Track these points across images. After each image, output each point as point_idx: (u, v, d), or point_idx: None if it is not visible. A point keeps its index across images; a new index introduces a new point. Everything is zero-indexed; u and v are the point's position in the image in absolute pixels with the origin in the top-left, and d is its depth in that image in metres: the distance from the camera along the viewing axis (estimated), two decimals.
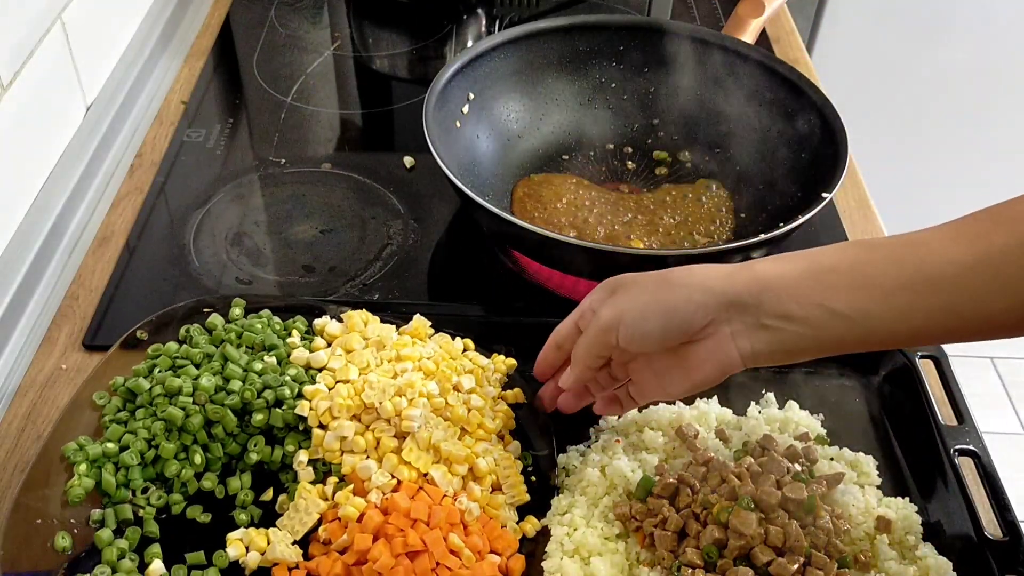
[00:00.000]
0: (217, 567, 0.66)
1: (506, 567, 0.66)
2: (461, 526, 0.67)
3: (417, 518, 0.65)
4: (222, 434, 0.71)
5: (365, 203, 1.01)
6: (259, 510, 0.70)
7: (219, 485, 0.71)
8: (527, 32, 1.03)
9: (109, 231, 0.96)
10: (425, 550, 0.64)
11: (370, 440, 0.70)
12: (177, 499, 0.70)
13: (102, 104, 1.06)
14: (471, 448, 0.71)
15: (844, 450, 0.74)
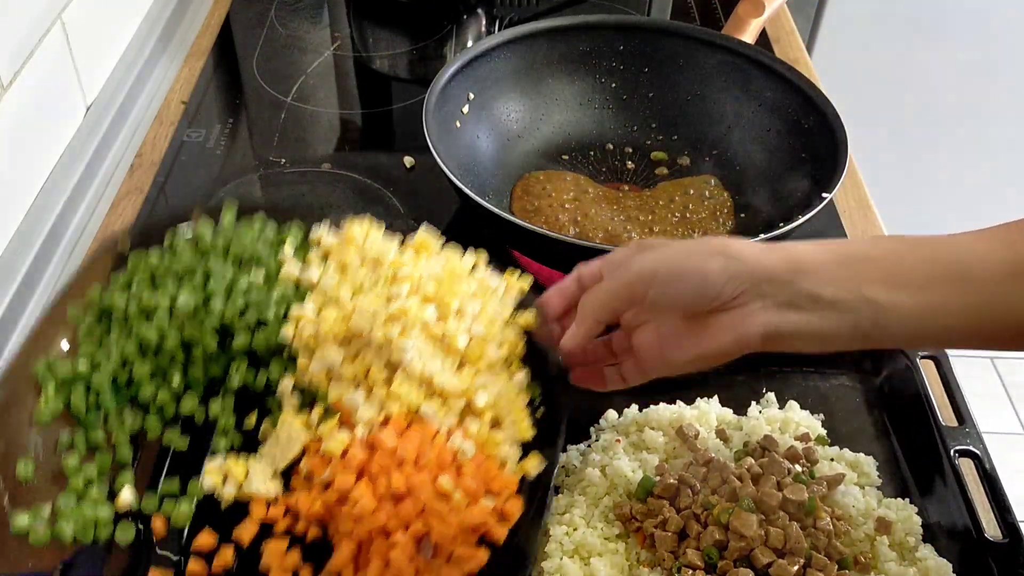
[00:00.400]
0: (191, 496, 0.61)
1: (501, 510, 0.61)
2: (453, 467, 0.61)
3: (404, 458, 0.60)
4: (202, 356, 0.65)
5: (365, 203, 1.01)
6: (240, 436, 0.65)
7: (200, 407, 0.65)
8: (527, 32, 1.03)
9: (109, 231, 0.96)
10: (409, 495, 0.59)
11: (359, 369, 0.65)
12: (153, 423, 0.64)
13: (102, 104, 1.06)
14: (469, 381, 0.65)
15: (844, 451, 0.74)
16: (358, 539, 0.60)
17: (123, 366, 0.65)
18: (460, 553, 0.59)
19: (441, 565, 0.59)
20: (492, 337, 0.68)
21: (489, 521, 0.60)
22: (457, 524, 0.59)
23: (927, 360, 0.80)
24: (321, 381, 0.65)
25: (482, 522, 0.60)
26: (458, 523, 0.59)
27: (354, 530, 0.60)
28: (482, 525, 0.60)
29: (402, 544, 0.59)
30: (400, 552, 0.59)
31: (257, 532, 0.62)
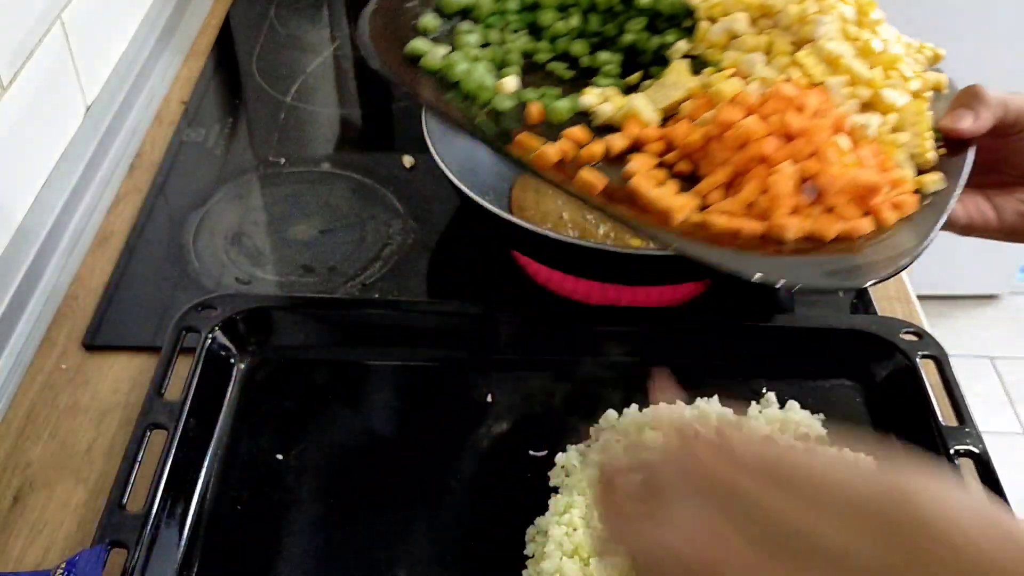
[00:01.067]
0: (570, 107, 0.63)
1: (896, 201, 0.56)
2: (851, 138, 0.57)
3: (805, 104, 0.55)
4: (604, 4, 0.67)
5: (365, 203, 1.01)
6: (622, 86, 0.67)
7: (588, 56, 0.68)
8: None
9: (109, 231, 0.96)
10: (803, 136, 0.54)
11: (762, 42, 0.61)
12: (544, 47, 0.68)
13: (102, 104, 1.06)
14: (879, 77, 0.61)
15: (844, 450, 0.74)
16: (734, 168, 0.57)
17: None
18: (843, 209, 0.55)
19: (820, 213, 0.55)
20: (906, 59, 0.64)
21: (882, 189, 0.55)
22: (849, 178, 0.55)
23: (927, 360, 0.80)
24: (716, 50, 0.64)
25: (877, 186, 0.54)
26: (850, 178, 0.55)
27: (732, 159, 0.57)
28: (874, 191, 0.55)
29: (787, 172, 0.55)
30: (782, 179, 0.55)
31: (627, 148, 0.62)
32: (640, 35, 0.68)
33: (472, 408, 0.79)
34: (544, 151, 0.65)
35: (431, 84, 0.68)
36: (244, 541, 0.70)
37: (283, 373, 0.82)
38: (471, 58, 0.68)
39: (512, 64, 0.70)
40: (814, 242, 0.57)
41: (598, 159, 0.65)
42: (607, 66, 0.70)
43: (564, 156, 0.65)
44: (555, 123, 0.66)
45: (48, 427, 0.78)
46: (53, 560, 0.69)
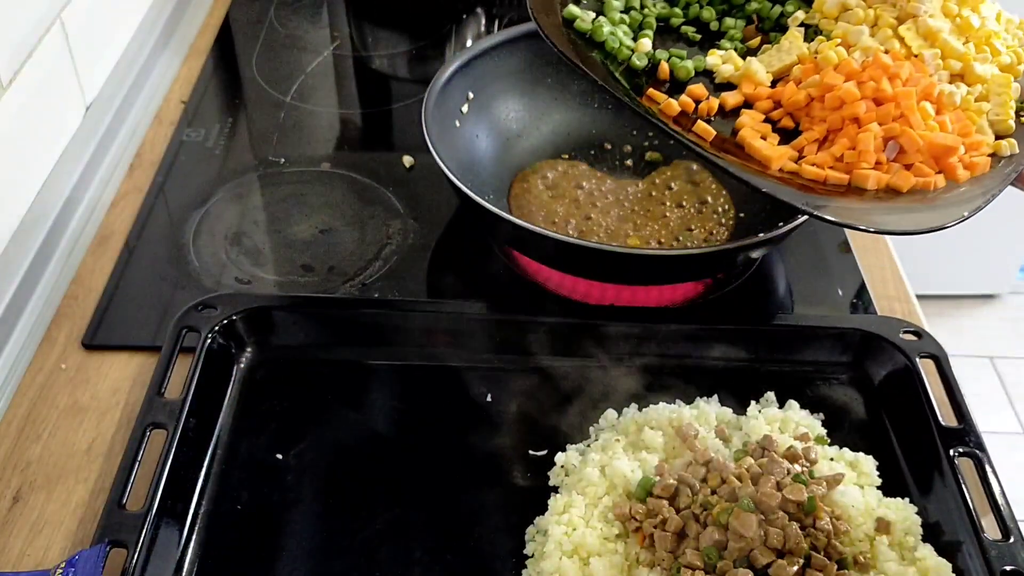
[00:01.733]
0: (694, 67, 0.76)
1: (969, 161, 0.67)
2: (937, 104, 0.68)
3: (897, 74, 0.67)
4: None
5: (364, 203, 1.00)
6: (743, 50, 0.79)
7: (715, 21, 0.80)
8: (527, 31, 1.02)
9: (108, 231, 0.96)
10: (892, 100, 0.66)
11: (870, 16, 0.72)
12: (677, 13, 0.81)
13: (101, 104, 1.06)
14: (972, 52, 0.71)
15: (844, 450, 0.74)
16: (829, 126, 0.69)
17: None
18: (920, 166, 0.66)
19: (899, 169, 0.67)
20: (1003, 35, 0.73)
21: (957, 151, 0.66)
22: (928, 140, 0.66)
23: (927, 360, 0.80)
24: (830, 21, 0.74)
25: (952, 148, 0.65)
26: (929, 140, 0.66)
27: (828, 118, 0.69)
28: (949, 152, 0.66)
29: (874, 132, 0.67)
30: (868, 136, 0.67)
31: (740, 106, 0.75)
32: (763, 4, 0.80)
33: (472, 408, 0.79)
34: (668, 103, 0.75)
35: (581, 46, 0.79)
36: (244, 541, 0.70)
37: (283, 373, 0.82)
38: (615, 22, 0.79)
39: (649, 28, 0.80)
40: (891, 193, 0.67)
41: (714, 112, 0.75)
42: (731, 31, 0.81)
43: (685, 108, 0.75)
44: (681, 80, 0.77)
45: (48, 427, 0.78)
46: (53, 560, 0.69)
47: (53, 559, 0.69)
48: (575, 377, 0.82)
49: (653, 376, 0.82)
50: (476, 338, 0.83)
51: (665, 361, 0.83)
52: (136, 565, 0.65)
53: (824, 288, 0.92)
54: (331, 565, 0.68)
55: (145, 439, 0.72)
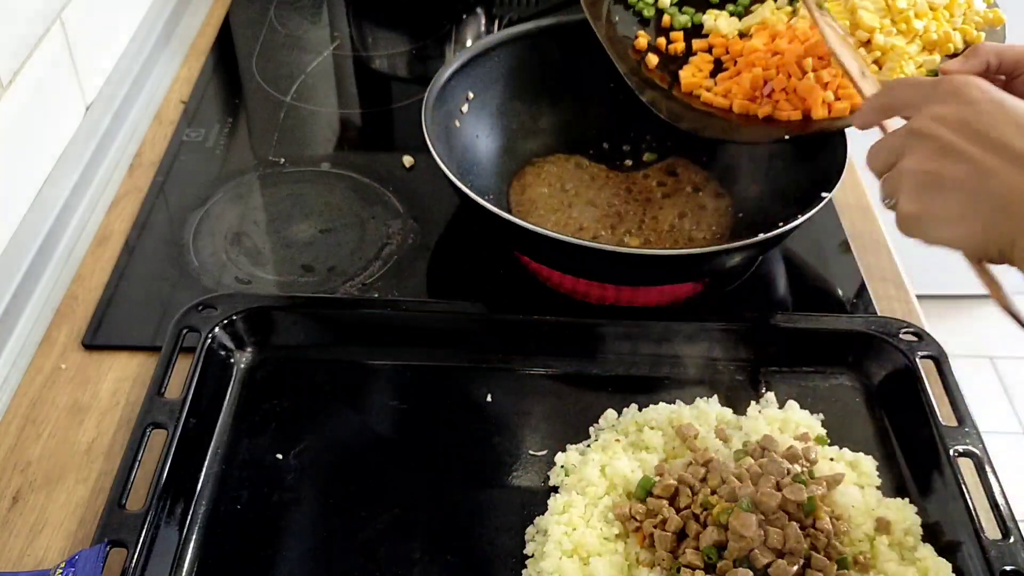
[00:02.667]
0: (687, 20, 0.94)
1: (832, 104, 0.83)
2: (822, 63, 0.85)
3: (796, 37, 0.87)
4: None
5: (364, 203, 1.00)
6: (739, 9, 0.95)
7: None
8: (526, 31, 1.03)
9: (108, 231, 0.96)
10: (782, 53, 0.87)
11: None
12: None
13: (101, 104, 1.06)
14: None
15: (844, 450, 0.74)
16: (738, 69, 0.89)
17: None
18: (783, 104, 0.86)
19: (767, 102, 0.86)
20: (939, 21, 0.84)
21: (818, 97, 0.83)
22: (794, 84, 0.85)
23: (927, 360, 0.80)
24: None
25: (812, 89, 0.83)
26: (792, 84, 0.85)
27: (741, 63, 0.89)
28: (808, 96, 0.83)
29: (752, 73, 0.86)
30: (747, 76, 0.87)
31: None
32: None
33: (472, 408, 0.79)
34: (640, 42, 0.94)
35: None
36: (244, 540, 0.70)
37: (283, 373, 0.82)
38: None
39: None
40: (771, 122, 0.86)
41: (680, 53, 0.94)
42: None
43: (659, 47, 0.94)
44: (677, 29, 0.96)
45: (48, 427, 0.78)
46: (53, 559, 0.69)
47: (53, 559, 0.69)
48: (575, 377, 0.82)
49: (653, 376, 0.82)
50: (476, 338, 0.83)
51: (665, 361, 0.83)
52: (136, 565, 0.65)
53: (824, 288, 0.92)
54: (331, 565, 0.68)
55: (145, 439, 0.72)
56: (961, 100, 0.55)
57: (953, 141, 0.54)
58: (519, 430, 0.77)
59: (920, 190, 0.55)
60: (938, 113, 0.55)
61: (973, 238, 0.54)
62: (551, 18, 1.06)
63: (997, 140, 0.53)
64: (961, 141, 0.53)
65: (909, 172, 0.56)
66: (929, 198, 0.54)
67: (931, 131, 0.55)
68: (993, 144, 0.52)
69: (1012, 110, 0.54)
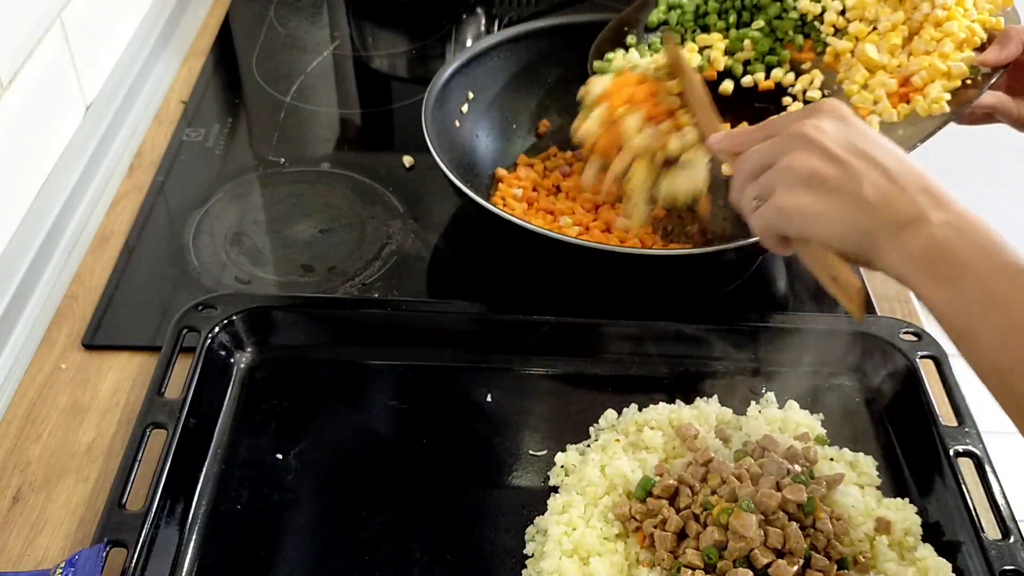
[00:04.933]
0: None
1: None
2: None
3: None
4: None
5: (364, 203, 1.00)
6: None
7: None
8: (526, 31, 1.03)
9: (108, 231, 0.96)
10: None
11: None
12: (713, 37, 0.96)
13: (101, 104, 1.06)
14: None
15: (844, 450, 0.74)
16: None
17: (704, 2, 0.97)
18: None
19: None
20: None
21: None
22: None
23: (927, 360, 0.80)
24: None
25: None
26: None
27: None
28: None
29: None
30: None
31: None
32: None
33: (472, 408, 0.79)
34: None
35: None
36: (244, 541, 0.70)
37: (283, 373, 0.82)
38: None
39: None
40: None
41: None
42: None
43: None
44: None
45: (48, 427, 0.78)
46: (53, 559, 0.69)
47: (53, 559, 0.69)
48: (575, 377, 0.82)
49: (653, 376, 0.82)
50: (476, 338, 0.83)
51: (665, 361, 0.83)
52: (136, 565, 0.65)
53: (824, 288, 0.92)
54: (331, 565, 0.68)
55: (145, 439, 0.72)
56: (836, 116, 0.62)
57: (832, 147, 0.60)
58: (519, 430, 0.77)
59: (801, 186, 0.60)
60: (817, 124, 0.61)
61: (839, 231, 0.59)
62: (551, 18, 1.06)
63: (866, 152, 0.59)
64: (839, 149, 0.60)
65: (790, 169, 0.61)
66: (809, 194, 0.60)
67: (814, 136, 0.60)
68: (866, 155, 0.59)
69: (872, 131, 0.62)
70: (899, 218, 0.57)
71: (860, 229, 0.58)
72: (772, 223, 0.63)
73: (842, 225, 0.59)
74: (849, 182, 0.58)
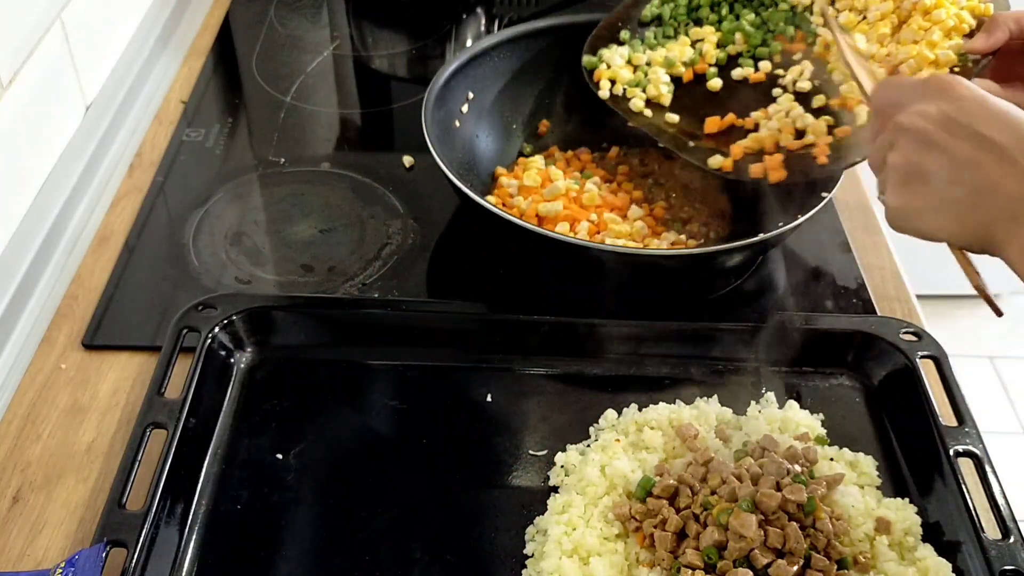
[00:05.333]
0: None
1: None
2: None
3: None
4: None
5: (364, 203, 1.00)
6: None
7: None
8: (526, 31, 1.03)
9: (108, 231, 0.96)
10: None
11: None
12: (705, 29, 0.98)
13: (101, 104, 1.06)
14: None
15: (844, 450, 0.74)
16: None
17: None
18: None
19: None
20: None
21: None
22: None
23: (927, 360, 0.80)
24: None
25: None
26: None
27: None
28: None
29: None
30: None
31: None
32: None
33: (472, 408, 0.79)
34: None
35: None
36: (244, 541, 0.70)
37: (283, 373, 0.82)
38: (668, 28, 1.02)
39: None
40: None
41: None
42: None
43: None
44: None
45: (48, 427, 0.78)
46: (53, 559, 0.69)
47: (53, 559, 0.69)
48: (575, 377, 0.82)
49: (653, 376, 0.82)
50: (476, 338, 0.83)
51: (665, 361, 0.83)
52: (136, 565, 0.65)
53: (824, 288, 0.92)
54: (331, 565, 0.68)
55: (145, 439, 0.72)
56: (946, 97, 0.57)
57: (934, 134, 0.55)
58: (519, 430, 0.77)
59: (903, 182, 0.57)
60: (922, 109, 0.57)
61: (953, 227, 0.55)
62: (551, 18, 1.06)
63: (977, 133, 0.54)
64: (942, 134, 0.55)
65: (893, 166, 0.58)
66: (911, 190, 0.56)
67: (914, 125, 0.56)
68: (973, 136, 0.54)
69: (994, 106, 0.55)
70: (1014, 206, 0.52)
71: (973, 221, 0.54)
72: (891, 223, 0.60)
73: (951, 219, 0.55)
74: (955, 171, 0.54)
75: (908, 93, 0.60)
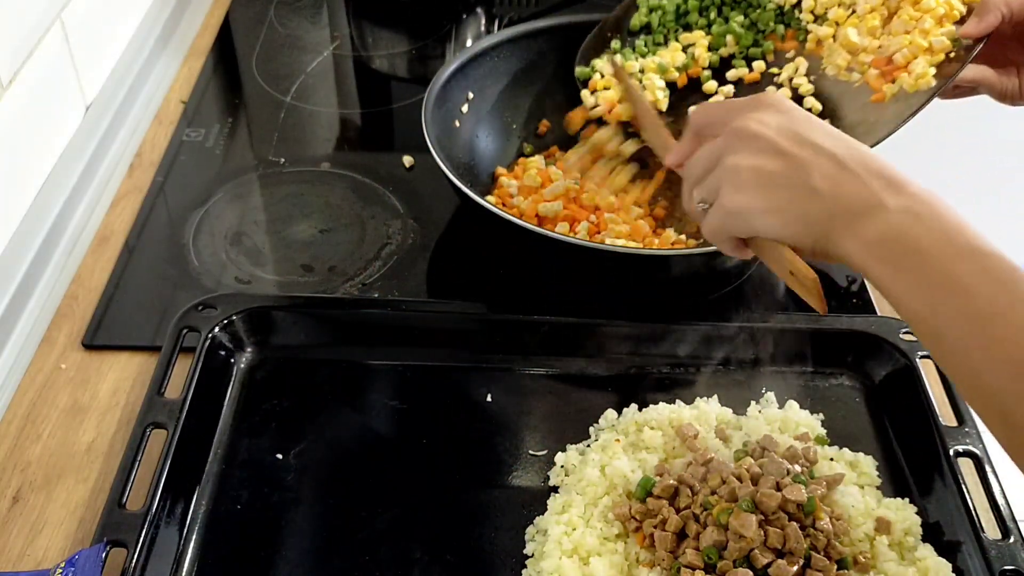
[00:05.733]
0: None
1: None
2: None
3: None
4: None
5: (364, 203, 1.00)
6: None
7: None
8: (526, 31, 1.03)
9: (108, 231, 0.96)
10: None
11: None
12: (693, 34, 0.98)
13: (101, 104, 1.06)
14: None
15: (844, 450, 0.74)
16: None
17: (684, 2, 0.98)
18: None
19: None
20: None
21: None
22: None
23: (927, 360, 0.80)
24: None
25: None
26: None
27: None
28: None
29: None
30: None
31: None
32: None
33: (472, 408, 0.79)
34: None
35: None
36: (244, 541, 0.70)
37: (283, 373, 0.82)
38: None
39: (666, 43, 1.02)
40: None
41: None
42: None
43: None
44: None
45: (48, 427, 0.78)
46: (53, 559, 0.69)
47: (53, 559, 0.69)
48: (575, 377, 0.82)
49: (653, 376, 0.82)
50: (476, 338, 0.83)
51: (665, 361, 0.83)
52: (136, 565, 0.65)
53: (824, 288, 0.92)
54: (331, 565, 0.68)
55: (145, 439, 0.72)
56: (778, 110, 0.60)
57: (776, 138, 0.58)
58: (519, 430, 0.77)
59: (746, 183, 0.59)
60: (760, 117, 0.60)
61: (795, 226, 0.57)
62: (551, 18, 1.06)
63: (813, 141, 0.58)
64: (783, 139, 0.58)
65: (734, 168, 0.59)
66: (755, 191, 0.58)
67: (757, 131, 0.59)
68: (810, 144, 0.57)
69: (817, 120, 0.60)
70: (852, 206, 0.55)
71: (812, 220, 0.56)
72: (722, 225, 0.61)
73: (793, 218, 0.57)
74: (796, 173, 0.57)
75: (736, 108, 0.62)
